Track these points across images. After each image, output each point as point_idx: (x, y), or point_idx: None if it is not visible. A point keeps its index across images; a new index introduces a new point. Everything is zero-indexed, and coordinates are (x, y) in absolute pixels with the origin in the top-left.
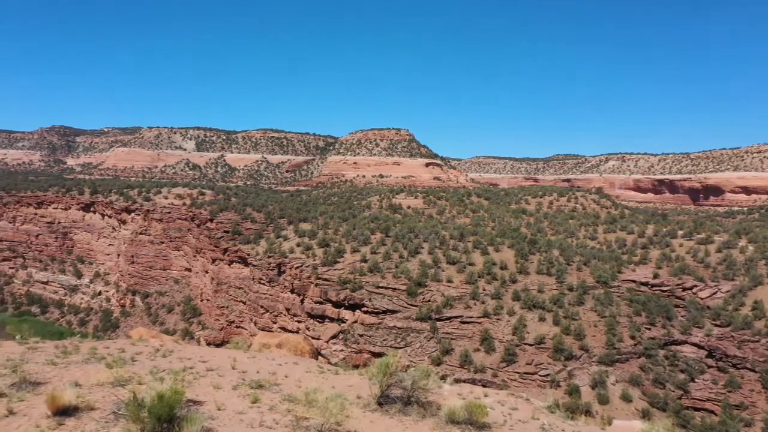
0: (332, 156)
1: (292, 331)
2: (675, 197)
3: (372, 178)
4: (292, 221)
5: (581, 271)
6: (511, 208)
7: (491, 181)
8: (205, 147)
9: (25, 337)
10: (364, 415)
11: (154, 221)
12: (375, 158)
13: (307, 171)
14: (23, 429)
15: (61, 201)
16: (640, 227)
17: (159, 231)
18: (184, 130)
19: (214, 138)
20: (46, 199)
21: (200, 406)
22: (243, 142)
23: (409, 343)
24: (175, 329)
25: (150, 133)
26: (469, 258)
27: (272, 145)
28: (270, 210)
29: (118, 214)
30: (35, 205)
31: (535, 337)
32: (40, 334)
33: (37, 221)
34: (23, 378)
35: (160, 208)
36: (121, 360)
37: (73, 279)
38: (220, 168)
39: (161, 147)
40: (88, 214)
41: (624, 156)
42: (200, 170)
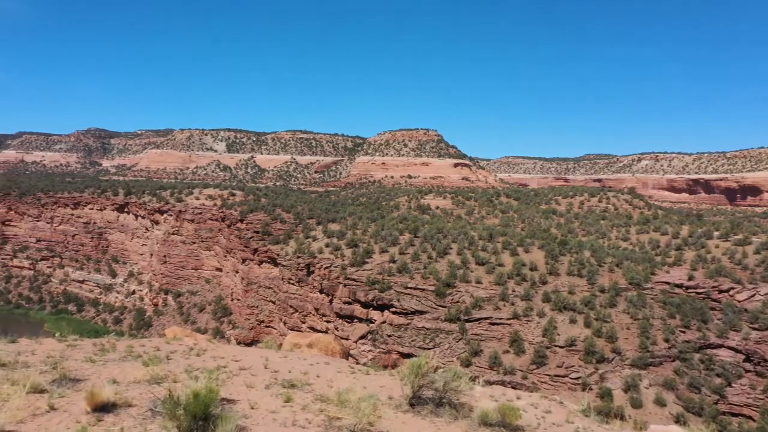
0: (360, 157)
1: (321, 331)
2: (710, 197)
3: (400, 179)
4: (321, 222)
5: (613, 272)
6: (541, 209)
7: (520, 181)
8: (236, 148)
9: (64, 335)
10: (396, 415)
11: (186, 222)
12: (403, 159)
13: (336, 172)
14: (64, 425)
15: (97, 202)
16: (675, 228)
17: (191, 231)
18: (214, 132)
19: (244, 139)
20: (82, 200)
21: (234, 405)
22: (272, 143)
23: (437, 344)
24: (206, 328)
25: (182, 135)
26: (498, 259)
27: (301, 146)
28: (299, 210)
29: (151, 214)
30: (72, 206)
31: (566, 339)
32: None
33: (73, 221)
34: (63, 375)
35: (191, 209)
36: (156, 358)
37: (108, 278)
38: (250, 169)
39: (193, 148)
40: (122, 214)
41: (657, 155)
42: (231, 171)
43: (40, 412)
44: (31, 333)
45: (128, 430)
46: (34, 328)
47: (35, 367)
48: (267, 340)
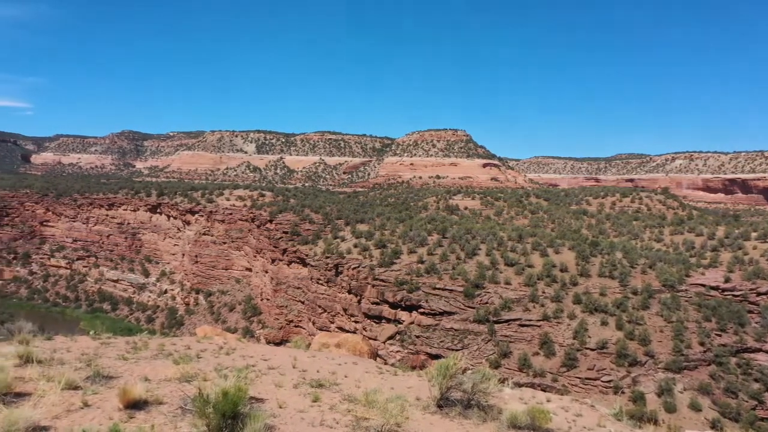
0: (389, 157)
1: (349, 331)
2: (748, 197)
3: (429, 179)
4: (350, 222)
5: (646, 274)
6: (572, 209)
7: (550, 181)
8: (265, 150)
9: (98, 333)
10: (423, 417)
11: (217, 222)
12: (432, 159)
13: (364, 172)
14: (97, 421)
15: (130, 203)
16: (710, 229)
17: (221, 232)
18: (244, 134)
19: (274, 141)
20: (116, 200)
21: (262, 404)
22: (301, 144)
23: (466, 345)
24: (236, 327)
25: (212, 137)
26: (527, 260)
27: (330, 147)
28: (327, 211)
29: (182, 215)
30: (106, 207)
31: (597, 342)
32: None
33: (108, 222)
34: (97, 372)
35: (222, 210)
36: (187, 357)
37: (141, 277)
38: (279, 170)
39: (223, 150)
40: (154, 215)
41: (692, 155)
42: (260, 172)
43: (74, 408)
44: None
45: (159, 427)
46: (70, 326)
47: (70, 364)
48: (296, 340)
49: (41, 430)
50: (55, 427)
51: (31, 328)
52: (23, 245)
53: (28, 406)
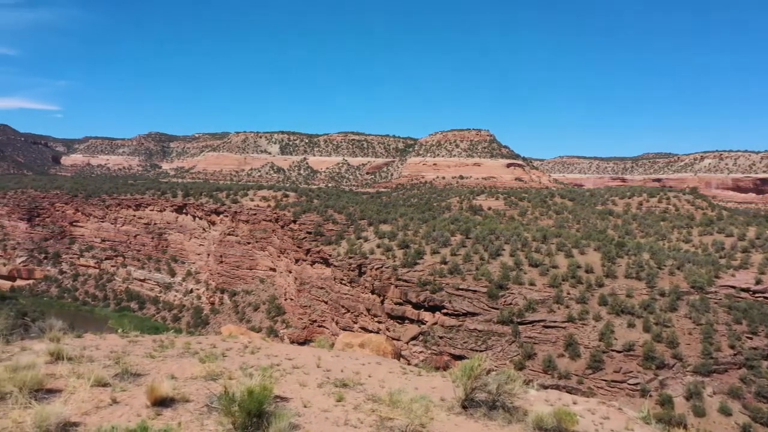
0: (412, 158)
1: (372, 332)
2: None
3: (452, 180)
4: (373, 222)
5: (674, 275)
6: (597, 210)
7: (575, 181)
8: (289, 150)
9: (126, 331)
10: (448, 417)
11: (241, 222)
12: (455, 159)
13: (387, 173)
14: (125, 418)
15: (157, 203)
16: (740, 229)
17: (245, 232)
18: (268, 135)
19: (297, 142)
20: (143, 201)
21: (287, 403)
22: (324, 145)
23: (490, 346)
24: (260, 327)
25: (237, 138)
26: (552, 260)
27: (353, 147)
28: (351, 211)
29: (207, 215)
30: (134, 207)
31: (624, 344)
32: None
33: (135, 222)
34: (125, 369)
35: (246, 210)
36: (212, 355)
37: (167, 277)
38: (303, 170)
39: (247, 151)
40: (180, 215)
41: (721, 154)
42: (284, 173)
43: (103, 405)
44: (96, 329)
45: (186, 425)
46: (98, 325)
47: (99, 362)
48: (319, 340)
49: (71, 426)
50: (85, 424)
51: (62, 326)
52: (54, 245)
53: (58, 403)
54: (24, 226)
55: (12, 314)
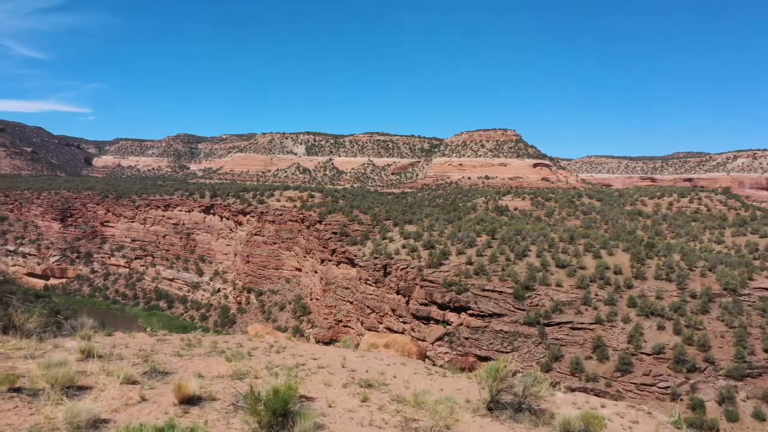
0: (437, 158)
1: (397, 332)
2: None
3: (477, 180)
4: (398, 223)
5: (705, 277)
6: (626, 210)
7: (604, 181)
8: (314, 151)
9: (155, 330)
10: (473, 419)
11: (268, 223)
12: (480, 159)
13: (413, 173)
14: (153, 415)
15: (185, 204)
16: None
17: (272, 232)
18: (294, 136)
19: (323, 142)
20: (172, 202)
21: (312, 402)
22: (350, 145)
23: (516, 347)
24: (286, 326)
25: (263, 139)
26: (579, 261)
27: (378, 148)
28: (376, 212)
29: (234, 216)
30: (163, 208)
31: (654, 347)
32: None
33: (164, 223)
34: (153, 367)
35: (272, 211)
36: (239, 354)
37: (195, 277)
38: (328, 171)
39: (274, 152)
40: (208, 216)
41: (755, 153)
42: (310, 173)
43: (132, 402)
44: (126, 327)
45: (212, 423)
46: (128, 323)
47: (128, 360)
48: (344, 340)
49: (101, 423)
50: (114, 421)
51: (93, 324)
52: (86, 245)
53: (89, 399)
54: (57, 226)
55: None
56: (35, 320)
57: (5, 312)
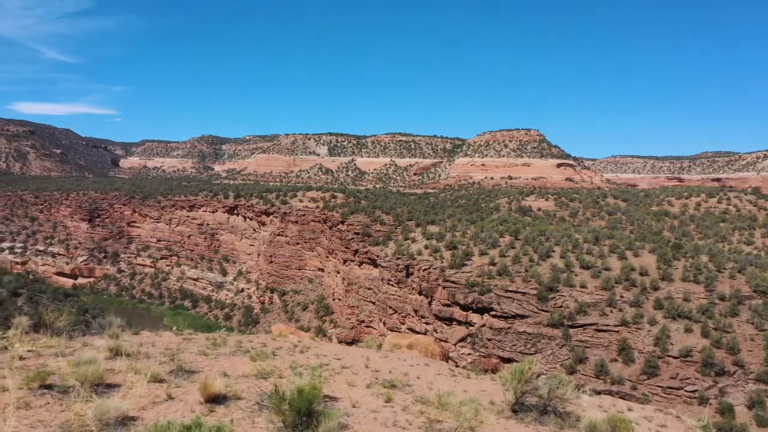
0: (460, 158)
1: (419, 333)
2: None
3: (500, 180)
4: (420, 223)
5: (735, 279)
6: (652, 210)
7: (629, 181)
8: (337, 152)
9: (181, 329)
10: (498, 421)
11: (290, 223)
12: (503, 160)
13: (435, 173)
14: (180, 413)
15: (209, 204)
16: None
17: (295, 232)
18: (317, 136)
19: (345, 143)
20: (196, 202)
21: (336, 402)
22: (372, 146)
23: (539, 349)
24: (309, 326)
25: (286, 140)
26: (604, 263)
27: (400, 148)
28: (398, 212)
29: (258, 216)
30: (187, 209)
31: (681, 350)
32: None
33: (189, 223)
34: (179, 366)
35: (295, 211)
36: (263, 354)
37: (219, 276)
38: (351, 172)
39: (296, 152)
40: (232, 216)
41: None
42: (332, 174)
43: (159, 401)
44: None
45: (238, 422)
46: (154, 322)
47: (155, 358)
48: (367, 340)
49: (129, 420)
50: (142, 418)
51: (120, 323)
52: (113, 245)
53: (117, 397)
54: (85, 226)
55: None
56: (65, 319)
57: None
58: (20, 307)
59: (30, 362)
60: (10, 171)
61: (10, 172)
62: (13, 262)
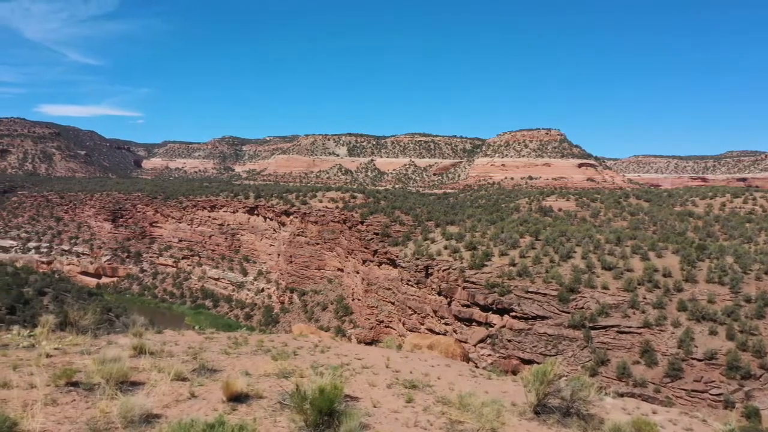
0: (479, 158)
1: (439, 333)
2: None
3: (520, 180)
4: (440, 224)
5: (761, 280)
6: (676, 211)
7: (652, 181)
8: (356, 152)
9: (203, 329)
10: (520, 423)
11: (310, 223)
12: (523, 160)
13: (454, 174)
14: (203, 411)
15: (230, 205)
16: None
17: (314, 233)
18: (336, 137)
19: (365, 143)
20: (217, 203)
21: (357, 402)
22: (392, 146)
23: (560, 351)
24: (328, 326)
25: (306, 141)
26: (626, 264)
27: (420, 149)
28: (418, 213)
29: (278, 216)
30: (209, 209)
31: (705, 352)
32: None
33: (210, 223)
34: (202, 365)
35: (315, 211)
36: (284, 353)
37: (239, 276)
38: (370, 172)
39: (316, 153)
40: (252, 216)
41: None
42: (351, 174)
43: (182, 399)
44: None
45: (260, 420)
46: (176, 321)
47: (178, 357)
48: (387, 340)
49: (153, 418)
50: (166, 416)
51: (143, 321)
52: (135, 244)
53: (141, 395)
54: (109, 226)
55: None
56: (90, 317)
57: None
58: (46, 305)
59: (56, 360)
60: (36, 172)
61: (36, 173)
62: (39, 262)
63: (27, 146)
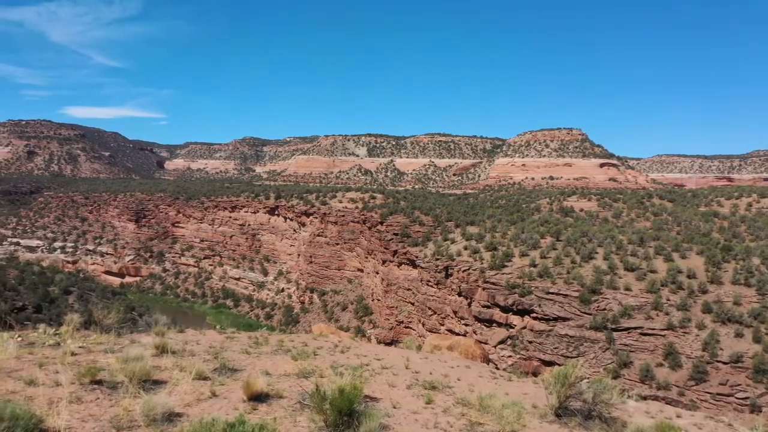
0: (499, 158)
1: (459, 334)
2: None
3: (541, 180)
4: (460, 224)
5: None
6: (700, 211)
7: (675, 181)
8: (376, 153)
9: (224, 328)
10: (541, 425)
11: (330, 224)
12: (544, 160)
13: (474, 174)
14: (224, 411)
15: (251, 205)
16: None
17: (334, 233)
18: (356, 138)
19: (384, 144)
20: (238, 203)
21: (376, 403)
22: (411, 147)
23: (582, 353)
24: (348, 326)
25: (326, 141)
26: (650, 265)
27: (439, 149)
28: (437, 213)
29: (298, 217)
30: (230, 209)
31: (731, 355)
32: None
33: (231, 223)
34: (223, 364)
35: (335, 212)
36: (304, 353)
37: (260, 276)
38: (390, 172)
39: (336, 154)
40: (272, 217)
41: None
42: (371, 175)
43: (203, 398)
44: (195, 324)
45: (280, 420)
46: (197, 320)
47: (199, 356)
48: (407, 341)
49: (175, 416)
50: (188, 414)
51: (165, 321)
52: (158, 244)
53: (164, 393)
54: (132, 226)
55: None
56: (113, 316)
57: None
58: (71, 304)
59: (81, 358)
60: (62, 173)
61: (62, 174)
62: (64, 261)
63: (53, 148)
